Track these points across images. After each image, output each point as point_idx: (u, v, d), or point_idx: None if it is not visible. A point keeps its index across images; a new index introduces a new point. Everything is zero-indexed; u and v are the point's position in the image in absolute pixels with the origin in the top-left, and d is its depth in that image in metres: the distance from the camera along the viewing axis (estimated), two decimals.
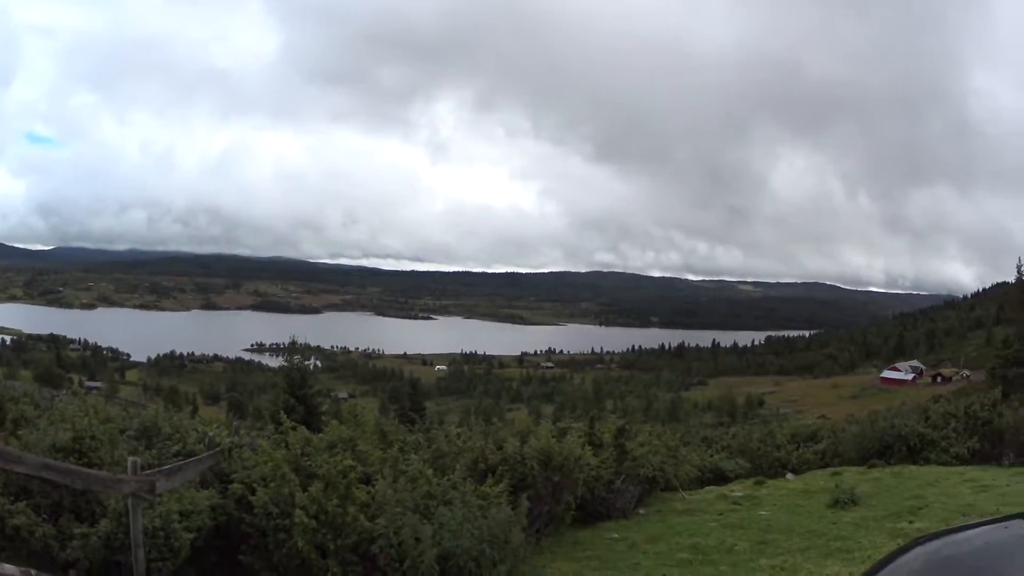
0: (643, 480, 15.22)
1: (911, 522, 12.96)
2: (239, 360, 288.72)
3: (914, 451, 22.72)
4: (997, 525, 4.79)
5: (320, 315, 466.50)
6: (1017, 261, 64.06)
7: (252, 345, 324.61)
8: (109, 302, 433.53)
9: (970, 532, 4.51)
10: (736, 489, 18.42)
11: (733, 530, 13.06)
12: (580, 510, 13.46)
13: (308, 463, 9.58)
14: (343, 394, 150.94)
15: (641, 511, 15.15)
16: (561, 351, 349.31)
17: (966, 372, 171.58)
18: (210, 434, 10.97)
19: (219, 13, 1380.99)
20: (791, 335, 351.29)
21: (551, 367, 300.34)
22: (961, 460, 21.89)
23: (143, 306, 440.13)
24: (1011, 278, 68.34)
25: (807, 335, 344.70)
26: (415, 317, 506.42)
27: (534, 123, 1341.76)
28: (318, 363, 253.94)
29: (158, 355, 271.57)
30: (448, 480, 10.03)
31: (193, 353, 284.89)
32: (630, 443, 15.63)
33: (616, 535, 12.91)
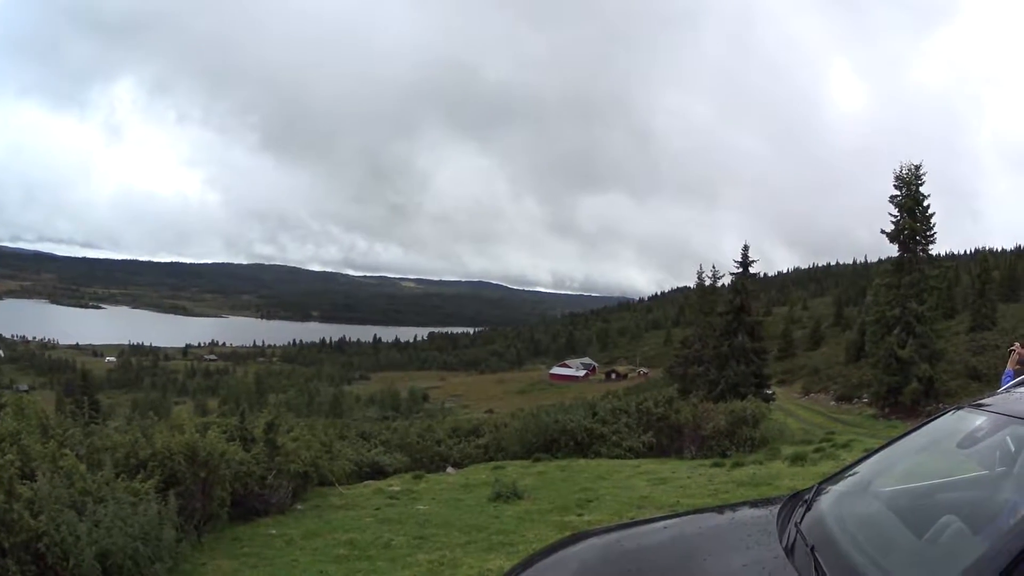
0: (296, 475, 15.12)
1: (580, 515, 13.40)
2: None
3: (582, 445, 23.74)
4: (680, 519, 4.79)
5: (1, 301, 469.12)
6: (698, 268, 69.19)
7: None
8: None
9: (652, 525, 4.61)
10: (394, 484, 18.47)
11: (390, 525, 13.01)
12: (238, 506, 13.19)
13: None
14: (23, 386, 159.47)
15: (299, 506, 14.95)
16: (224, 344, 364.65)
17: (643, 370, 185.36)
18: None
19: None
20: (455, 331, 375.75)
21: (215, 360, 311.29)
22: (636, 454, 23.10)
23: None
24: (691, 283, 74.19)
25: (472, 332, 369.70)
26: (86, 306, 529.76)
27: (204, 109, 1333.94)
28: (1, 353, 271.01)
29: None
30: (102, 476, 9.94)
31: None
32: (282, 437, 15.50)
33: (274, 531, 12.66)
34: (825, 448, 22.86)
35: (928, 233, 48.40)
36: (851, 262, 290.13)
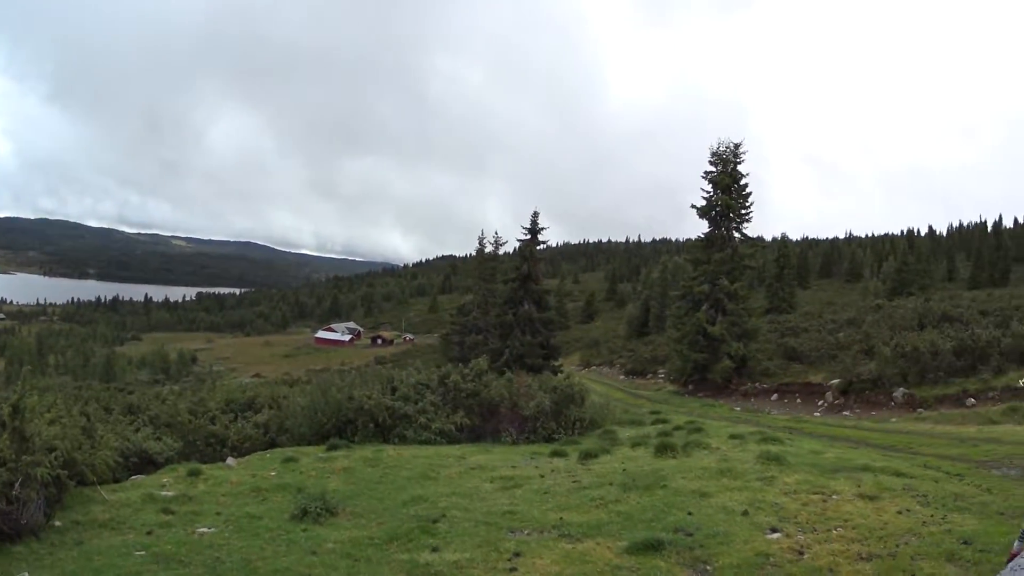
0: (50, 481, 11.23)
1: (434, 550, 9.70)
2: None
3: (384, 428, 21.09)
4: None
5: None
6: (479, 234, 69.40)
7: None
8: None
9: None
10: (167, 483, 14.13)
11: (170, 570, 8.99)
12: None
13: None
14: None
15: (57, 522, 10.88)
16: (11, 302, 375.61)
17: (409, 336, 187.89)
18: None
19: None
20: (222, 292, 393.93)
21: (3, 319, 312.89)
22: (449, 438, 20.77)
23: None
24: (457, 252, 74.79)
25: (238, 293, 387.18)
26: None
27: (4, 57, 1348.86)
28: None
29: None
30: None
31: None
32: (34, 424, 11.42)
33: (27, 574, 8.89)
34: (671, 432, 21.55)
35: (744, 212, 48.59)
36: (623, 240, 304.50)
